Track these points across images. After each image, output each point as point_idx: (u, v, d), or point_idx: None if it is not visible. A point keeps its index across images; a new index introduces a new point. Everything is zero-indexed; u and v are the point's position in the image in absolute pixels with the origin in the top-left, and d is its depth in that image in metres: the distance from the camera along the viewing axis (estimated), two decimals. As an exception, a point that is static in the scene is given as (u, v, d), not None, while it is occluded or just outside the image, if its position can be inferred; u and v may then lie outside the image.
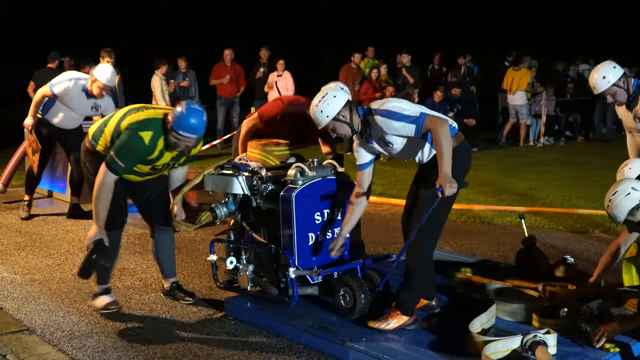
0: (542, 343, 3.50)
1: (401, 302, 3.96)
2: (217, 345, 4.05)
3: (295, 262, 4.16)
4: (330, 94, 3.91)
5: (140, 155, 4.21)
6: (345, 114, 3.91)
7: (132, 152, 4.18)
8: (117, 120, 4.33)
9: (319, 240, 4.30)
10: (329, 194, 4.32)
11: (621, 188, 3.64)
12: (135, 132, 4.17)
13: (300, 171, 4.25)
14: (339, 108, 3.89)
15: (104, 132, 4.35)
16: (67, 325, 4.33)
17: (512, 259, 5.13)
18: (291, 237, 4.17)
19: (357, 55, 12.99)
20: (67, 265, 5.58)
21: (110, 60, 9.76)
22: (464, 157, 3.96)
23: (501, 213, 7.45)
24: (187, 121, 4.09)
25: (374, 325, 3.94)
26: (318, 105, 3.91)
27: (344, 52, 13.85)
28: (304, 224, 4.20)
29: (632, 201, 3.58)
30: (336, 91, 3.95)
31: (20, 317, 4.47)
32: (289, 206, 4.15)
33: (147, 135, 4.17)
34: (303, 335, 4.02)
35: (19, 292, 4.93)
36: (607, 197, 3.70)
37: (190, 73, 12.38)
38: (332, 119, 3.89)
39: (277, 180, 4.38)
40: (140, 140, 4.16)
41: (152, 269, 5.49)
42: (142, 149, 4.18)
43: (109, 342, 4.08)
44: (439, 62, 14.24)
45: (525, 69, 13.04)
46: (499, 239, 6.45)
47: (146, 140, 4.17)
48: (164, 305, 4.69)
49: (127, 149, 4.16)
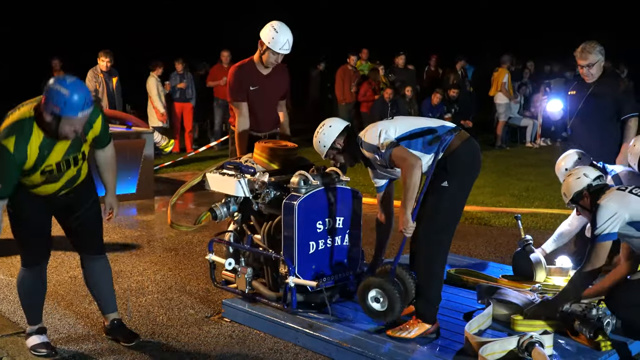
0: (538, 344, 3.51)
1: (419, 312, 3.89)
2: (215, 347, 4.05)
3: (295, 271, 4.16)
4: (326, 125, 4.13)
5: (11, 168, 3.53)
6: (341, 143, 4.09)
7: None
8: None
9: (319, 248, 4.29)
10: (331, 203, 4.32)
11: (575, 172, 4.06)
12: None
13: (303, 179, 4.22)
14: (334, 137, 4.07)
15: None
16: (63, 328, 4.33)
17: (509, 261, 5.13)
18: (292, 245, 4.16)
19: (353, 57, 13.00)
20: (63, 268, 5.58)
21: (109, 60, 9.74)
22: (468, 155, 3.87)
23: (498, 214, 7.47)
24: (72, 101, 3.40)
25: (394, 334, 3.83)
26: (316, 137, 4.13)
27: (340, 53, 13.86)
28: (305, 233, 4.18)
29: (580, 184, 3.97)
30: (332, 121, 4.15)
31: (16, 319, 4.47)
32: (291, 214, 4.13)
33: (10, 142, 3.47)
34: (300, 337, 4.02)
35: (16, 295, 4.90)
36: (563, 180, 4.15)
37: (187, 75, 12.38)
38: (329, 147, 4.08)
39: (280, 185, 4.37)
40: (4, 151, 3.48)
41: (149, 271, 5.50)
42: (8, 159, 3.49)
43: (106, 344, 4.08)
44: (434, 64, 14.27)
45: (503, 69, 13.08)
46: (496, 240, 6.46)
47: (10, 148, 3.47)
48: (161, 307, 4.69)
49: None
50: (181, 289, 5.06)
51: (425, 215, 3.82)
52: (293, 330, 4.06)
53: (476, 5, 24.04)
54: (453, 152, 3.81)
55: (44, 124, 3.51)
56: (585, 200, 3.96)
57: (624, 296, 3.78)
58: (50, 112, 3.44)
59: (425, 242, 3.84)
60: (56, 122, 3.46)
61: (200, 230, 6.70)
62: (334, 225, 4.34)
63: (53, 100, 3.41)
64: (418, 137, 3.87)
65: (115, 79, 10.26)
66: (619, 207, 3.72)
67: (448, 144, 3.82)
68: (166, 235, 6.70)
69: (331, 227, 4.33)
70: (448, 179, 3.79)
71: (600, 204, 3.78)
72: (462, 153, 3.82)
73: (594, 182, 3.96)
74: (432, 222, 3.81)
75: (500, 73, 13.03)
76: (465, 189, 3.92)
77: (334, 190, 4.32)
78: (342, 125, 4.12)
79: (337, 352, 3.81)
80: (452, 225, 3.92)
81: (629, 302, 3.71)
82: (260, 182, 4.34)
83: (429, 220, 3.81)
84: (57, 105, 3.41)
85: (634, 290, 3.78)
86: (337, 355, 3.82)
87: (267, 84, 4.98)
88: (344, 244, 4.41)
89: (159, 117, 11.76)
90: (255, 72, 4.94)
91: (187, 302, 4.79)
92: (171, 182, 9.77)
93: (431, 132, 3.87)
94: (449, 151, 3.81)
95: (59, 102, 3.40)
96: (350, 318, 4.15)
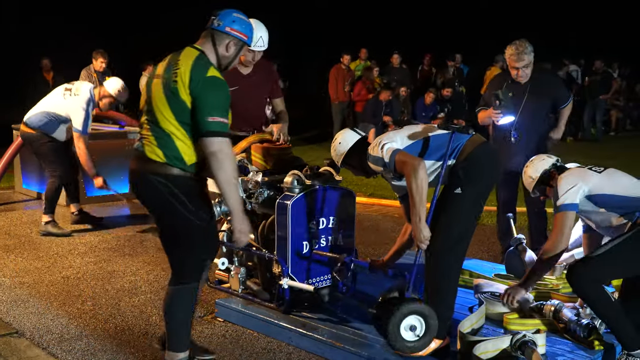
0: (532, 343, 3.52)
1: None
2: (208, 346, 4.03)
3: (289, 271, 4.15)
4: (337, 141, 4.05)
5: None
6: (352, 159, 3.99)
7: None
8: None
9: (313, 249, 4.29)
10: (325, 203, 4.31)
11: (537, 157, 4.24)
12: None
13: (297, 179, 4.21)
14: (343, 153, 3.99)
15: None
16: (56, 328, 4.31)
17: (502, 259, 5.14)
18: (285, 245, 4.15)
19: (347, 57, 13.00)
20: (56, 268, 5.56)
21: (104, 60, 9.72)
22: (482, 160, 3.74)
23: (491, 213, 7.45)
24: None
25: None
26: (333, 146, 4.06)
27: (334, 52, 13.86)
28: (299, 233, 4.17)
29: (546, 164, 4.10)
30: (342, 136, 4.06)
31: (9, 320, 4.45)
32: (284, 214, 4.12)
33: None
34: (293, 336, 4.02)
35: (8, 295, 4.90)
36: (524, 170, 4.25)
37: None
38: (342, 163, 4.04)
39: (273, 185, 4.37)
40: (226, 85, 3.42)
41: (142, 271, 5.48)
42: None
43: (99, 344, 4.06)
44: (428, 63, 14.29)
45: (495, 67, 13.11)
46: (489, 239, 6.47)
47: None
48: (154, 307, 4.68)
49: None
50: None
51: (438, 227, 3.64)
52: (286, 330, 4.05)
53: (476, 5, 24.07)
54: (466, 157, 3.68)
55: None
56: (553, 179, 4.02)
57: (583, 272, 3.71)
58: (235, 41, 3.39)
59: (439, 255, 3.65)
60: (237, 51, 3.44)
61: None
62: (327, 225, 4.34)
63: (243, 27, 3.40)
64: (425, 143, 3.78)
65: (109, 78, 10.21)
66: (579, 179, 3.83)
67: (460, 149, 3.71)
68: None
69: (325, 227, 4.33)
70: (461, 186, 3.64)
71: (561, 176, 3.91)
72: (475, 158, 3.69)
73: (557, 162, 4.12)
74: (446, 234, 3.64)
75: (492, 72, 13.06)
76: (481, 196, 3.76)
77: (328, 190, 4.31)
78: (352, 141, 3.99)
79: (331, 351, 3.81)
80: (467, 236, 3.75)
81: (589, 278, 3.68)
82: (253, 181, 4.34)
83: (442, 232, 3.63)
84: (246, 33, 3.42)
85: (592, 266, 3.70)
86: (331, 355, 3.81)
87: (247, 83, 4.94)
88: (338, 244, 4.41)
89: (151, 117, 11.74)
90: (234, 73, 4.86)
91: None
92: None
93: (440, 139, 3.77)
94: (462, 157, 3.68)
95: (248, 30, 3.42)
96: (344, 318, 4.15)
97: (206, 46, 3.38)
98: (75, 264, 5.68)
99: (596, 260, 3.65)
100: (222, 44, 3.37)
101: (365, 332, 3.93)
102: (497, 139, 5.40)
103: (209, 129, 3.15)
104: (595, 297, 3.63)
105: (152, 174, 3.26)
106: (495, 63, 13.26)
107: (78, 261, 5.75)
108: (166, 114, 3.23)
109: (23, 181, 8.66)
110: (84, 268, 5.56)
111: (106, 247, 6.23)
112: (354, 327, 3.99)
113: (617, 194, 3.77)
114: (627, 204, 3.75)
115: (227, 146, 3.20)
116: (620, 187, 3.80)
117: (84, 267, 5.58)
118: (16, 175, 8.78)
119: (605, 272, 3.71)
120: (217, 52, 3.38)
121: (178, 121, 3.21)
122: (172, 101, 3.21)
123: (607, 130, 16.40)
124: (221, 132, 3.18)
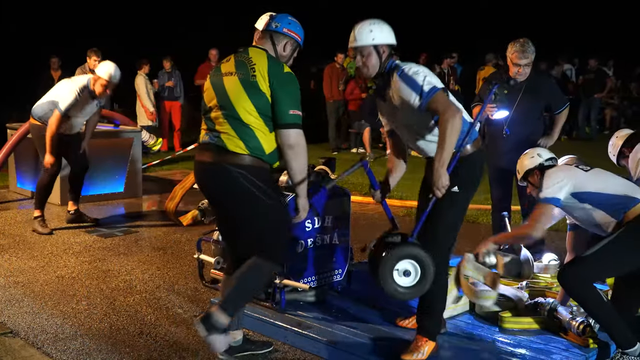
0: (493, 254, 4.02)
1: (426, 329, 3.66)
2: (203, 346, 4.03)
3: (284, 271, 4.15)
4: (386, 26, 3.63)
5: None
6: (385, 51, 3.61)
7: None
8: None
9: (308, 247, 4.28)
10: (320, 202, 4.31)
11: (531, 150, 4.30)
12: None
13: None
14: (387, 41, 3.60)
15: None
16: (51, 328, 4.30)
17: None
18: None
19: (341, 55, 13.00)
20: (50, 268, 5.54)
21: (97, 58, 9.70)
22: (479, 165, 3.67)
23: (486, 212, 7.47)
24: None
25: (410, 358, 3.60)
26: (369, 25, 3.58)
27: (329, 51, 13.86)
28: (294, 232, 4.16)
29: (532, 163, 4.19)
30: (388, 27, 3.65)
31: (3, 319, 4.43)
32: None
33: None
34: (289, 335, 4.02)
35: (2, 295, 4.89)
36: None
37: (175, 73, 12.33)
38: (374, 45, 3.58)
39: None
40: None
41: (137, 271, 5.47)
42: None
43: (93, 344, 4.06)
44: (424, 62, 14.27)
45: (488, 66, 13.11)
46: (484, 238, 6.45)
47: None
48: (149, 307, 4.67)
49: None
50: (169, 288, 5.05)
51: (433, 217, 3.54)
52: (282, 328, 4.05)
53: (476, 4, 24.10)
54: (467, 158, 3.57)
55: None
56: (534, 177, 4.14)
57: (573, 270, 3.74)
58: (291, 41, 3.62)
59: (434, 244, 3.54)
60: (292, 51, 3.65)
61: (189, 229, 6.69)
62: (322, 224, 4.34)
63: (297, 29, 3.63)
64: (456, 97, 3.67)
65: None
66: (565, 175, 3.90)
67: (464, 146, 3.55)
68: (154, 234, 6.67)
69: (320, 225, 4.33)
70: (459, 185, 3.53)
71: (548, 171, 3.98)
72: (475, 162, 3.63)
73: (545, 162, 4.17)
74: (441, 225, 3.56)
75: (485, 71, 13.06)
76: (469, 200, 3.73)
77: (323, 189, 4.31)
78: (389, 40, 3.62)
79: (326, 350, 3.81)
80: (455, 234, 3.70)
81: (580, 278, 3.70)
82: None
83: (437, 222, 3.55)
84: (300, 35, 3.64)
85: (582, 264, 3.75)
86: (326, 354, 3.81)
87: None
88: (333, 243, 4.41)
89: (148, 116, 11.72)
90: None
91: (175, 301, 4.78)
92: (159, 181, 9.75)
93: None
94: (464, 157, 3.55)
95: (301, 32, 3.63)
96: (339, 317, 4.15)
97: (267, 46, 3.59)
98: (70, 263, 5.67)
99: (586, 261, 3.70)
100: (280, 44, 3.59)
101: (360, 331, 3.94)
102: (491, 135, 5.41)
103: (290, 121, 3.38)
104: (587, 297, 3.67)
105: (233, 165, 3.39)
106: (488, 62, 13.26)
107: (73, 260, 5.74)
108: (247, 107, 3.38)
109: (17, 180, 8.65)
110: (78, 267, 5.55)
111: (101, 246, 6.21)
112: (349, 326, 3.99)
113: (601, 191, 3.84)
114: (611, 201, 3.80)
115: (303, 138, 3.43)
116: (605, 185, 3.87)
117: (79, 267, 5.57)
118: (10, 175, 8.77)
119: (595, 271, 3.77)
120: (276, 51, 3.59)
121: (259, 113, 3.39)
122: (254, 95, 3.39)
123: (601, 129, 16.44)
124: (299, 124, 3.41)
